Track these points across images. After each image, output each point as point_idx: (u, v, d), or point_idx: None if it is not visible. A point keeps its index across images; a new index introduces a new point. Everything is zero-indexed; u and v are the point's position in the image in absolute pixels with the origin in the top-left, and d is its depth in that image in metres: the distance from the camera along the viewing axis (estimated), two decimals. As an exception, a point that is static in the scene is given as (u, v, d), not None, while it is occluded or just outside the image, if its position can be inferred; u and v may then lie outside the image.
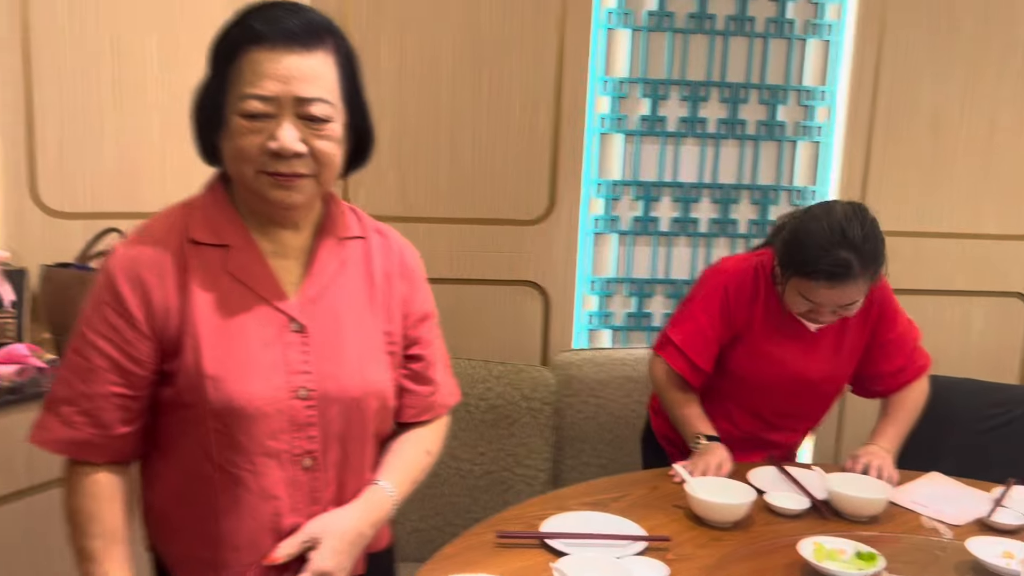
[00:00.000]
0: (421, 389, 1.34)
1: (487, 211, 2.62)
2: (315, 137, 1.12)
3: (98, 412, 1.16)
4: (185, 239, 1.18)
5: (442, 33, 2.51)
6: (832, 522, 1.59)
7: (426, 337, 1.33)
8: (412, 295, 1.31)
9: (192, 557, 1.23)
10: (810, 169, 2.77)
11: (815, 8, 2.67)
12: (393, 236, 1.34)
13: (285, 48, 1.10)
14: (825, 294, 1.70)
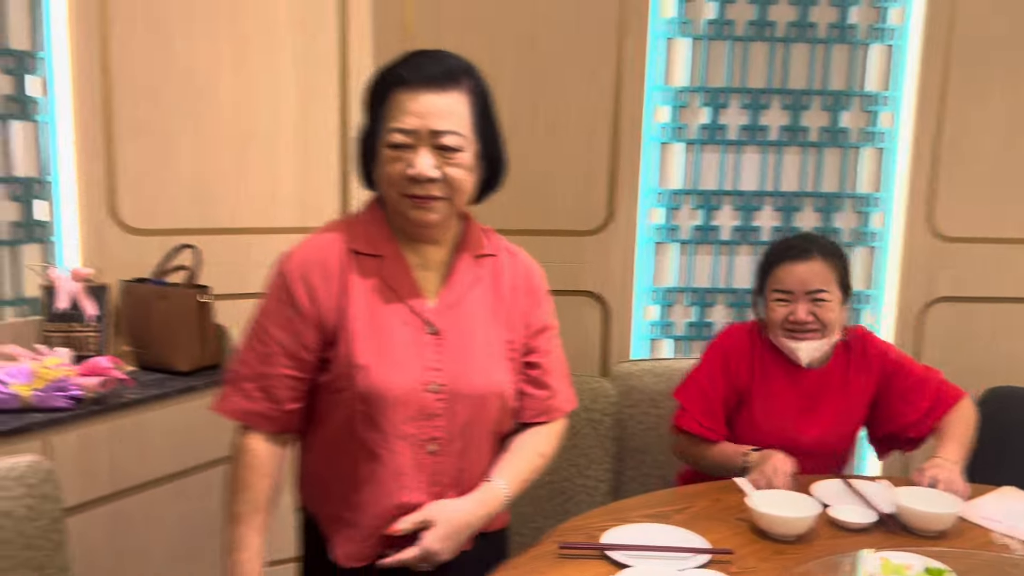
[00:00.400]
0: (539, 393, 1.50)
1: (546, 222, 2.65)
2: (447, 164, 1.31)
3: (273, 389, 1.37)
4: (347, 249, 1.38)
5: (501, 47, 2.55)
6: (899, 537, 1.56)
7: (544, 347, 1.50)
8: (533, 309, 1.49)
9: (336, 517, 1.42)
10: (875, 175, 2.72)
11: (878, 12, 2.63)
12: (521, 256, 1.53)
13: (424, 89, 1.30)
14: (790, 275, 1.84)
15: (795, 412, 1.90)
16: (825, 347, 1.88)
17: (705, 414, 1.92)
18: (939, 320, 2.72)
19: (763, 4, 2.60)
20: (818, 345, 1.86)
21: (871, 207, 2.72)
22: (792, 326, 1.86)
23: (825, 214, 2.71)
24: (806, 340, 1.85)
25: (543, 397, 1.51)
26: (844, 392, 1.92)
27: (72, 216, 2.21)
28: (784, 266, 1.87)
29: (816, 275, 1.84)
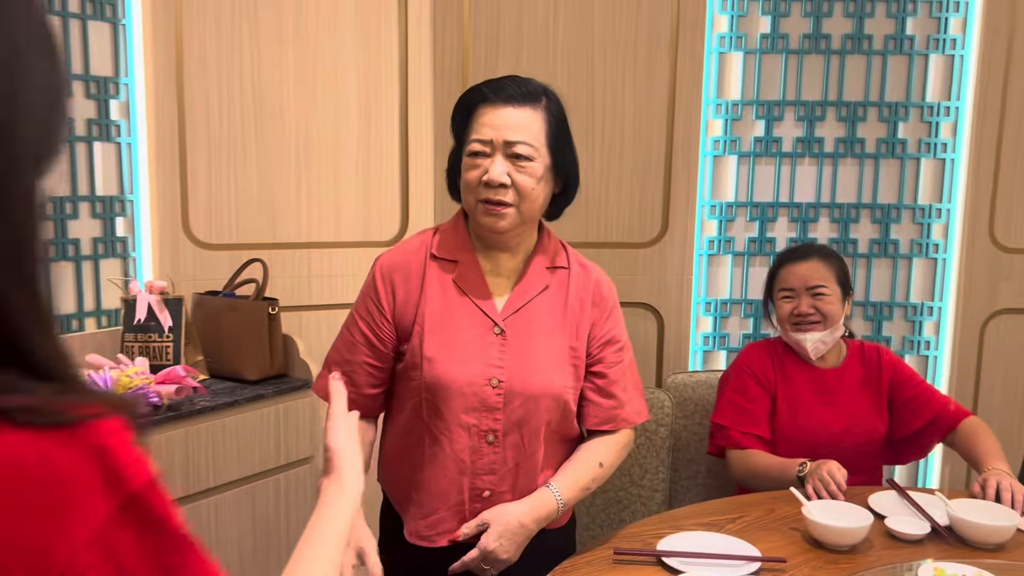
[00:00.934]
0: (604, 402, 1.57)
1: (602, 234, 2.69)
2: (518, 172, 1.43)
3: (354, 375, 1.52)
4: (429, 253, 1.53)
5: (556, 64, 2.61)
6: (955, 549, 1.56)
7: (609, 358, 1.57)
8: (600, 320, 1.56)
9: (406, 496, 1.56)
10: (935, 186, 2.70)
11: (937, 23, 2.62)
12: (593, 269, 1.61)
13: (502, 105, 1.44)
14: (791, 273, 2.05)
15: (817, 409, 2.02)
16: (828, 338, 2.03)
17: (747, 424, 2.02)
18: (1001, 332, 2.68)
19: (818, 17, 2.61)
20: (821, 336, 2.02)
21: (931, 218, 2.69)
22: (797, 319, 2.04)
23: (883, 225, 2.70)
24: (810, 331, 2.02)
25: (608, 406, 1.57)
26: (861, 390, 2.05)
27: (149, 232, 2.32)
28: (786, 267, 2.09)
29: (815, 272, 2.04)
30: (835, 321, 2.02)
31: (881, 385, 2.06)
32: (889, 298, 2.72)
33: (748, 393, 2.05)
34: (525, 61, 2.61)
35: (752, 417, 2.03)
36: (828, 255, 2.09)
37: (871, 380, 2.07)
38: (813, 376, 2.07)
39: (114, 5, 2.20)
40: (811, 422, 2.01)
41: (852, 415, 2.03)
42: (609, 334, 1.57)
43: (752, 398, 2.05)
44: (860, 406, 2.04)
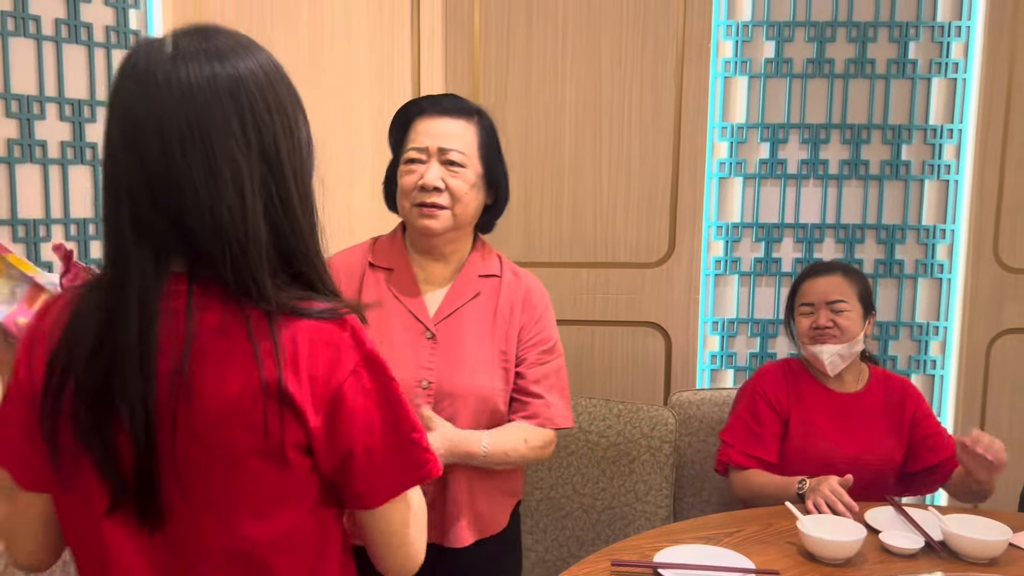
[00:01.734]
0: (529, 400, 1.63)
1: (609, 255, 2.74)
2: (451, 176, 1.54)
3: None
4: (367, 261, 1.62)
5: (564, 89, 2.67)
6: (948, 563, 1.58)
7: (533, 359, 1.61)
8: (529, 324, 1.62)
9: None
10: (940, 207, 2.73)
11: (939, 47, 2.66)
12: (525, 276, 1.68)
13: (437, 116, 1.56)
14: (813, 287, 2.07)
15: (832, 431, 2.02)
16: (846, 353, 2.03)
17: (751, 445, 2.04)
18: (1007, 352, 2.70)
19: (821, 42, 2.66)
20: (838, 349, 2.02)
21: (936, 239, 2.72)
22: (814, 332, 2.05)
23: (888, 246, 2.73)
24: (827, 344, 2.01)
25: (536, 404, 1.63)
26: (879, 417, 2.05)
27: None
28: (808, 281, 2.11)
29: (835, 287, 2.06)
30: (853, 336, 2.03)
31: (904, 416, 2.05)
32: (895, 318, 2.74)
33: (759, 416, 2.06)
34: (534, 86, 2.68)
35: (759, 440, 2.04)
36: (851, 272, 2.11)
37: (893, 410, 2.06)
38: (829, 399, 2.07)
39: (90, 28, 2.21)
40: (825, 445, 2.01)
41: (867, 441, 2.02)
42: (537, 337, 1.63)
43: (762, 421, 2.06)
44: (877, 432, 2.03)
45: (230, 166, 0.89)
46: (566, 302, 2.74)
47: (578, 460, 2.31)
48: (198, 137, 0.88)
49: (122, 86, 0.91)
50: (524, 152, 2.71)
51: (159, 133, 0.88)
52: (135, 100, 0.89)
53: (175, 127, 0.88)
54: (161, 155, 0.88)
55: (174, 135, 0.88)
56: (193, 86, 0.89)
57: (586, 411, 2.33)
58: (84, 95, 2.21)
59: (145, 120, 0.88)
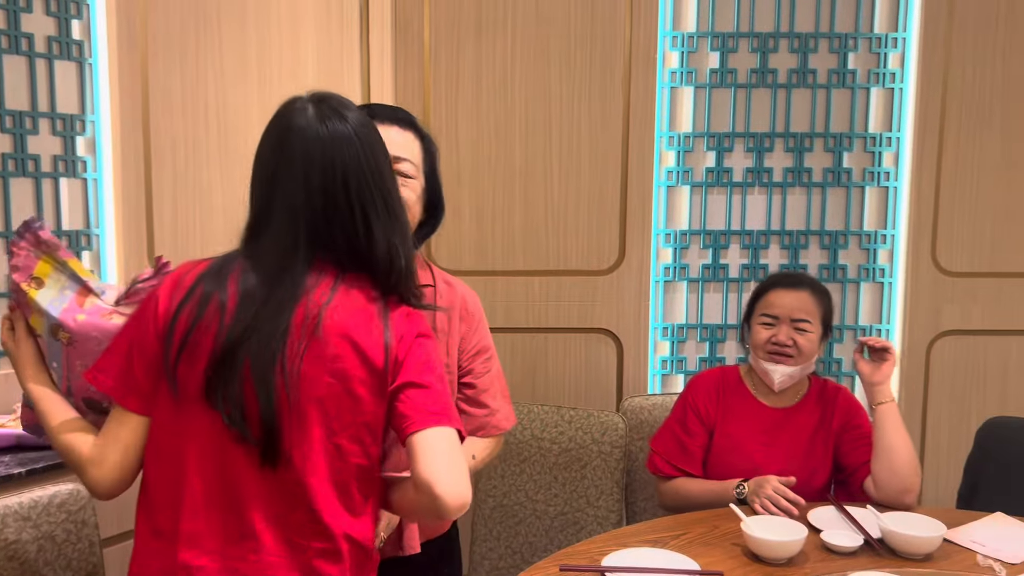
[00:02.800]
0: (475, 411, 1.63)
1: (561, 263, 2.77)
2: (401, 186, 1.44)
3: None
4: None
5: (514, 100, 2.70)
6: (886, 559, 1.63)
7: (479, 368, 1.62)
8: (469, 333, 1.61)
9: None
10: (880, 213, 2.81)
11: (877, 58, 2.74)
12: (458, 285, 1.65)
13: (389, 124, 1.52)
14: (780, 299, 1.99)
15: (756, 447, 2.00)
16: (797, 374, 1.99)
17: (677, 457, 2.04)
18: (945, 353, 2.78)
19: (764, 52, 2.73)
20: (791, 371, 1.97)
21: (877, 244, 2.80)
22: (772, 348, 1.98)
23: (831, 251, 2.80)
24: (782, 364, 1.97)
25: (480, 415, 1.63)
26: (808, 433, 2.01)
27: (115, 266, 2.37)
28: (775, 291, 2.02)
29: (803, 305, 1.98)
30: (809, 358, 1.98)
31: (831, 429, 2.01)
32: (839, 321, 2.81)
33: (687, 426, 2.05)
34: (485, 98, 2.70)
35: (685, 452, 2.03)
36: (820, 291, 2.03)
37: (824, 424, 2.02)
38: (758, 414, 2.03)
39: (80, 45, 2.26)
40: (746, 462, 1.97)
41: (790, 459, 1.98)
42: (478, 345, 1.64)
43: (690, 431, 2.04)
44: (801, 450, 1.99)
45: (386, 205, 1.24)
46: (519, 310, 2.76)
47: (531, 467, 2.33)
48: (370, 181, 1.23)
49: (292, 138, 1.22)
50: (475, 163, 2.73)
51: (336, 178, 1.21)
52: (308, 147, 1.21)
53: (353, 172, 1.22)
54: (339, 191, 1.20)
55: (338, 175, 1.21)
56: (370, 142, 1.25)
57: (538, 418, 2.35)
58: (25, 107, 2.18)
59: (326, 164, 1.21)
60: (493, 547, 2.32)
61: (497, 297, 2.76)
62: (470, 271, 2.74)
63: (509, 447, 2.34)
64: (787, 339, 1.96)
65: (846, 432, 2.00)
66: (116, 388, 1.20)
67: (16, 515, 1.54)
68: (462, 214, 2.73)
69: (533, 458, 2.33)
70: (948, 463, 2.76)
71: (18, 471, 1.74)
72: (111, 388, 1.20)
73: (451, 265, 2.74)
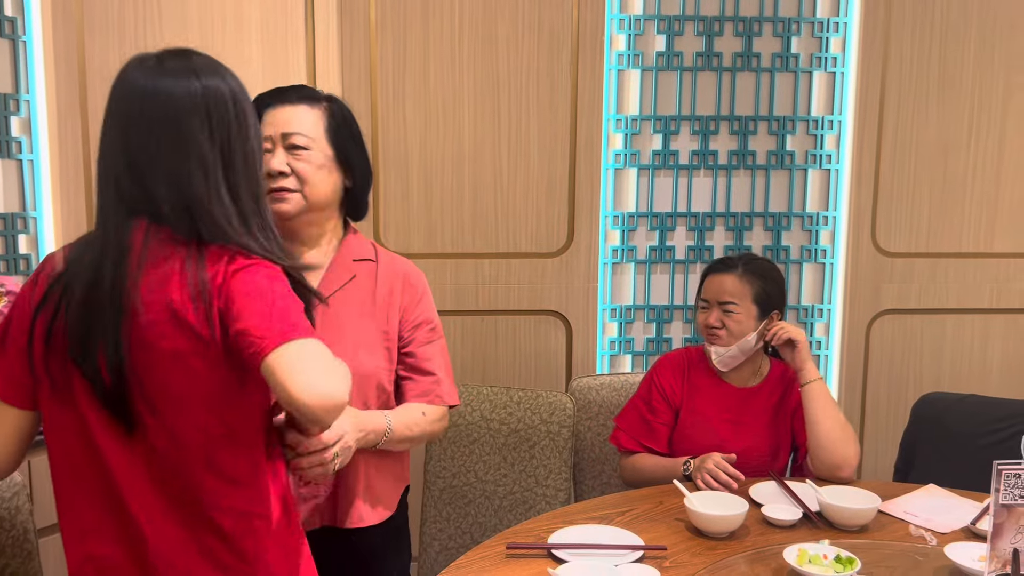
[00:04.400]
0: (420, 378, 1.67)
1: (510, 245, 2.78)
2: (296, 160, 1.56)
3: None
4: None
5: (462, 83, 2.69)
6: (823, 531, 1.68)
7: (421, 338, 1.68)
8: (411, 305, 1.67)
9: None
10: (822, 195, 2.86)
11: (819, 42, 2.79)
12: (400, 261, 1.71)
13: (280, 105, 1.59)
14: (711, 283, 2.07)
15: (721, 425, 2.05)
16: (735, 353, 2.05)
17: (641, 433, 2.10)
18: (884, 332, 2.86)
19: (710, 36, 2.75)
20: (724, 351, 2.04)
21: (819, 225, 2.86)
22: (704, 331, 2.09)
23: (775, 232, 2.85)
24: (715, 344, 2.05)
25: (426, 381, 1.67)
26: (770, 412, 2.08)
27: (53, 248, 2.32)
28: (710, 276, 2.11)
29: (729, 287, 2.05)
30: (740, 337, 2.03)
31: (788, 410, 2.07)
32: (782, 302, 2.86)
33: (652, 405, 2.11)
34: (432, 78, 2.69)
35: (650, 429, 2.09)
36: (752, 271, 2.06)
37: (783, 404, 2.08)
38: (722, 392, 2.08)
39: (13, 22, 2.20)
40: (711, 439, 2.02)
41: (754, 436, 2.04)
42: (420, 317, 1.67)
43: (655, 410, 2.10)
44: (765, 428, 2.05)
45: (198, 154, 1.19)
46: (469, 292, 2.77)
47: (480, 448, 2.34)
48: (176, 131, 1.18)
49: (119, 95, 1.20)
50: (424, 145, 2.71)
51: (149, 130, 1.17)
52: (129, 106, 1.19)
53: (160, 123, 1.18)
54: (149, 143, 1.18)
55: (159, 129, 1.18)
56: (176, 94, 1.19)
57: (487, 399, 2.36)
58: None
59: (138, 119, 1.18)
60: (443, 528, 2.33)
61: (447, 280, 2.76)
62: (419, 253, 2.73)
63: (458, 428, 2.35)
64: (716, 321, 2.04)
65: (798, 410, 2.05)
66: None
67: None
68: (411, 196, 2.72)
69: (482, 439, 2.35)
70: (886, 438, 2.84)
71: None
72: None
73: (400, 247, 2.73)
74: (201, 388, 1.17)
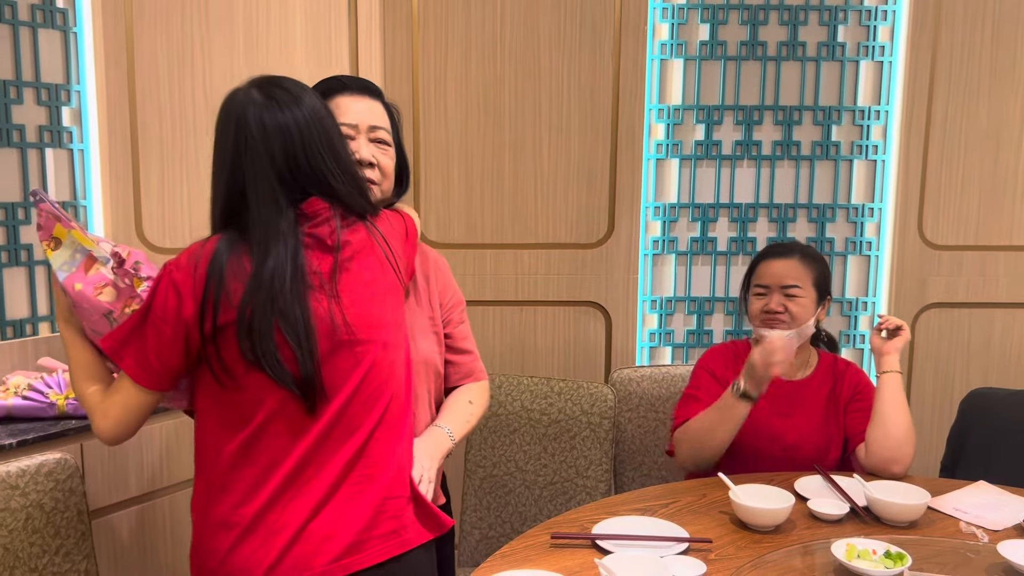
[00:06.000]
0: (461, 359, 1.71)
1: (550, 236, 2.77)
2: (381, 154, 1.55)
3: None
4: None
5: (503, 73, 2.69)
6: (872, 527, 1.66)
7: (456, 319, 1.72)
8: (444, 289, 1.71)
9: None
10: (868, 187, 2.82)
11: (867, 31, 2.74)
12: (423, 247, 1.71)
13: (360, 95, 1.57)
14: (768, 270, 2.04)
15: (772, 418, 2.00)
16: (795, 338, 1.97)
17: (695, 411, 2.00)
18: (931, 326, 2.81)
19: (754, 25, 2.72)
20: (786, 334, 1.95)
21: (865, 217, 2.81)
22: (765, 316, 2.02)
23: (819, 224, 2.81)
24: (775, 329, 1.99)
25: (467, 361, 1.71)
26: (822, 403, 2.03)
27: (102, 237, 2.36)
28: (765, 262, 2.07)
29: (791, 271, 2.02)
30: (803, 322, 1.99)
31: (840, 401, 2.04)
32: (826, 294, 2.83)
33: (701, 387, 2.05)
34: (474, 68, 2.69)
35: (702, 405, 2.00)
36: (809, 256, 2.06)
37: (833, 396, 2.04)
38: (772, 385, 1.94)
39: (64, 13, 2.23)
40: (763, 433, 1.98)
41: (806, 431, 2.00)
42: (453, 299, 1.71)
43: (711, 393, 2.02)
44: (815, 423, 2.01)
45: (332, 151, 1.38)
46: (508, 283, 2.77)
47: (520, 438, 2.35)
48: (313, 137, 1.36)
49: (256, 114, 1.35)
50: (465, 136, 2.72)
51: (299, 136, 1.35)
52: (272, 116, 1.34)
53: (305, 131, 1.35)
54: (302, 147, 1.34)
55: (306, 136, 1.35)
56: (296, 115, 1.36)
57: (528, 389, 2.37)
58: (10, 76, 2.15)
59: (283, 127, 1.34)
60: (483, 517, 2.34)
61: (487, 270, 2.76)
62: (459, 244, 2.74)
63: (498, 418, 2.35)
64: (778, 306, 2.00)
65: (851, 403, 2.02)
66: (131, 367, 1.35)
67: (4, 483, 1.55)
68: (451, 187, 2.73)
69: (523, 429, 2.35)
70: (932, 434, 2.80)
71: (8, 442, 1.74)
72: (128, 367, 1.35)
73: (440, 238, 2.74)
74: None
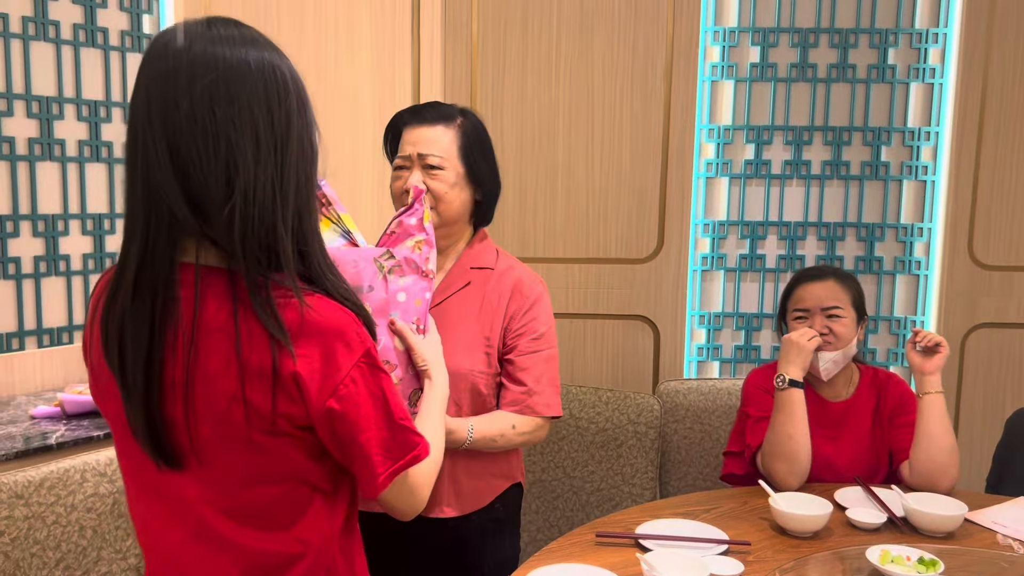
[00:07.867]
0: (514, 387, 1.70)
1: (601, 251, 2.86)
2: (430, 179, 1.64)
3: None
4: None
5: (558, 94, 2.80)
6: (908, 536, 1.70)
7: (522, 347, 1.70)
8: (519, 313, 1.71)
9: None
10: (917, 206, 2.85)
11: (917, 53, 2.78)
12: (518, 269, 1.77)
13: (416, 125, 1.68)
14: (808, 294, 2.04)
15: (823, 441, 2.00)
16: (840, 359, 2.00)
17: (754, 436, 2.03)
18: (980, 345, 2.82)
19: (804, 47, 2.78)
20: (833, 356, 1.99)
21: (914, 237, 2.84)
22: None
23: (868, 243, 2.85)
24: (823, 351, 1.99)
25: (518, 391, 1.69)
26: (868, 421, 2.05)
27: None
28: (802, 286, 2.07)
29: (831, 293, 2.03)
30: (848, 342, 2.00)
31: (884, 416, 2.04)
32: (874, 312, 2.86)
33: (764, 407, 2.02)
34: (530, 89, 2.80)
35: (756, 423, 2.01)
36: (845, 277, 2.07)
37: (879, 411, 2.05)
38: (819, 408, 2.03)
39: (105, 32, 2.34)
40: (817, 461, 1.95)
41: (857, 451, 2.01)
42: (526, 327, 1.71)
43: (764, 407, 2.02)
44: (865, 440, 2.02)
45: (252, 129, 0.95)
46: (559, 296, 2.86)
47: (568, 445, 2.43)
48: (227, 99, 0.94)
49: (156, 54, 0.96)
50: (519, 152, 2.83)
51: (189, 93, 0.92)
52: (167, 65, 0.94)
53: (208, 88, 0.93)
54: (190, 112, 0.92)
55: (205, 95, 0.93)
56: (229, 59, 0.96)
57: (576, 399, 2.45)
58: (100, 96, 2.32)
59: (176, 83, 0.93)
60: (532, 520, 2.43)
61: (539, 283, 2.86)
62: (513, 257, 2.84)
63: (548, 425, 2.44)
64: (822, 328, 2.00)
65: (895, 417, 2.03)
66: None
67: (94, 471, 1.69)
68: (505, 203, 2.83)
69: (571, 437, 2.43)
70: (980, 453, 2.80)
71: (97, 433, 1.89)
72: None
73: (495, 251, 2.85)
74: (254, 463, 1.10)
